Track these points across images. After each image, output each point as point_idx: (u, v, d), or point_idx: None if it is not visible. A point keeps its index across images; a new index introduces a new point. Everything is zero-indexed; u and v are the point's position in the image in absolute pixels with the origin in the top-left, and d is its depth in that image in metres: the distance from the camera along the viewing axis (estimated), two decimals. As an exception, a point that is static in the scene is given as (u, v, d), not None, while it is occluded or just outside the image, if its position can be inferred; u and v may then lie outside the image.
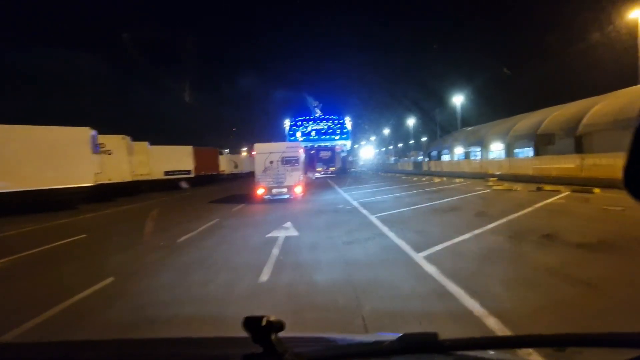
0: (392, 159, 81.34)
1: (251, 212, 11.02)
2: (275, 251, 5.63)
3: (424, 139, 73.95)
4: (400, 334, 0.79)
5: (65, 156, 13.32)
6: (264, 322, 0.71)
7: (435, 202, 11.02)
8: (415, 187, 18.13)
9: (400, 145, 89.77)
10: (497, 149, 35.18)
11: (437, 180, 22.05)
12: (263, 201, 14.11)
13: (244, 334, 0.72)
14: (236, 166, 41.57)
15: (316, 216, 9.41)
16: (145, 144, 20.69)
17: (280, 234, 7.04)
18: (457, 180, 20.64)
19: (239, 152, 50.17)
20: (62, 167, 13.20)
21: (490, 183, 17.06)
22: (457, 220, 7.78)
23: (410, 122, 63.96)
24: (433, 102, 54.98)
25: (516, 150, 31.91)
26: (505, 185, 15.36)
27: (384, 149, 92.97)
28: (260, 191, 13.17)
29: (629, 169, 0.55)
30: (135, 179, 19.14)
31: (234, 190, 22.13)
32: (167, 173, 23.39)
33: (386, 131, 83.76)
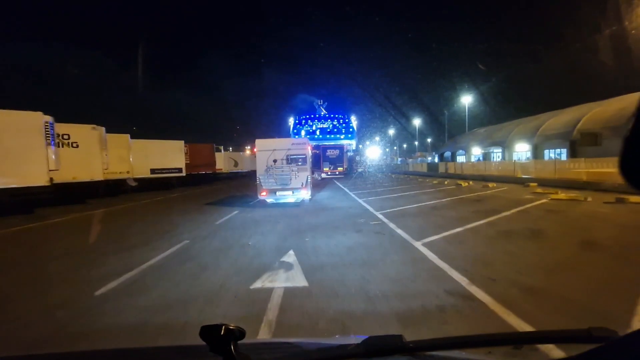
0: (399, 159, 78.65)
1: (241, 227, 8.06)
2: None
3: (429, 139, 71.31)
4: (366, 337, 0.79)
5: (8, 148, 10.44)
6: (222, 331, 0.69)
7: (493, 218, 8.00)
8: (444, 193, 15.09)
9: (404, 145, 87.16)
10: (522, 149, 31.98)
11: (464, 184, 18.96)
12: (262, 206, 11.38)
13: (202, 342, 0.69)
14: (236, 164, 38.74)
15: (331, 238, 6.43)
16: (126, 136, 17.75)
17: (276, 281, 4.06)
18: (490, 185, 17.54)
19: (242, 151, 47.33)
20: (2, 161, 10.33)
21: (539, 190, 13.96)
22: (571, 260, 4.73)
23: (416, 122, 60.87)
24: (440, 103, 52.61)
25: (546, 151, 28.74)
26: (562, 193, 12.28)
27: (388, 149, 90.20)
28: (261, 194, 11.30)
29: (626, 157, 0.55)
30: (112, 177, 16.30)
31: (230, 191, 19.27)
32: (153, 171, 20.45)
33: (391, 131, 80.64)
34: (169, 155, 21.36)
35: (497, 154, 36.37)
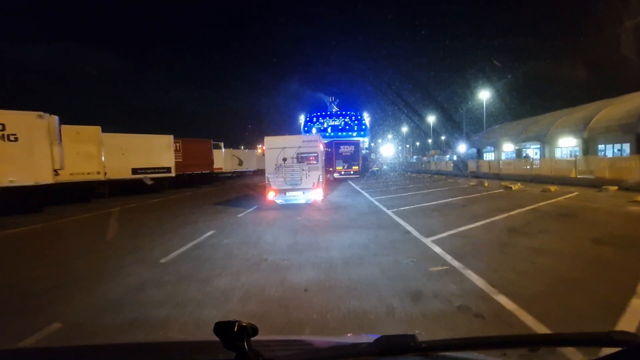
0: (414, 157, 74.53)
1: (196, 272, 4.57)
2: None
3: (442, 137, 67.24)
4: (378, 336, 0.76)
5: None
6: (236, 328, 0.69)
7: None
8: (499, 200, 11.32)
9: (417, 143, 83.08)
10: (567, 144, 27.51)
11: (514, 187, 15.05)
12: (251, 221, 8.13)
13: (215, 338, 0.69)
14: (241, 163, 35.56)
15: (362, 328, 2.87)
16: (95, 129, 14.46)
17: None
18: (552, 189, 13.58)
19: (254, 149, 44.27)
20: None
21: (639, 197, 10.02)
22: None
23: (431, 119, 56.18)
24: (454, 101, 49.07)
25: (600, 147, 24.33)
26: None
27: (400, 147, 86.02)
28: (270, 194, 10.77)
29: None
30: (75, 179, 13.14)
31: (224, 195, 15.98)
32: (136, 171, 17.25)
33: (404, 129, 76.22)
34: (155, 152, 18.12)
35: (534, 150, 32.01)
